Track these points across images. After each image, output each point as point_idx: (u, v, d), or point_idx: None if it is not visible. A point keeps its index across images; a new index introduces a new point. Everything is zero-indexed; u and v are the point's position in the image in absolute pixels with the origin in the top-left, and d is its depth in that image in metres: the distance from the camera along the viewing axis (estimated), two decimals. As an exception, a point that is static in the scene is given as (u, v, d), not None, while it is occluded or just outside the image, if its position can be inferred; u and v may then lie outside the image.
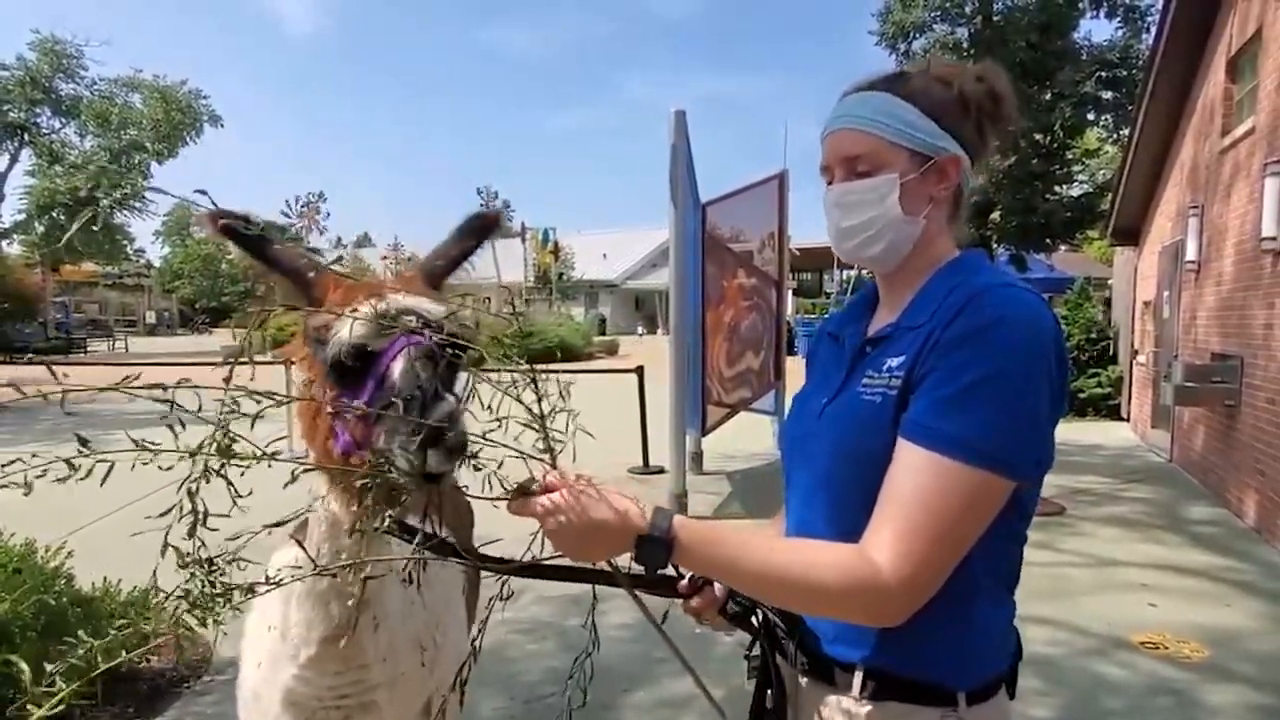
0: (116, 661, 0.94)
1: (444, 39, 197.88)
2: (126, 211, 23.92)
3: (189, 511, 0.92)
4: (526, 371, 1.08)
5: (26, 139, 23.24)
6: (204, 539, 0.95)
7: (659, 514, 1.07)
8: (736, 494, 7.61)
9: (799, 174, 8.49)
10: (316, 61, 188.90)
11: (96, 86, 24.23)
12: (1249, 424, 6.51)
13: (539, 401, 1.07)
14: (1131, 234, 12.21)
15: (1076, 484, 7.70)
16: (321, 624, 1.41)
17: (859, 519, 1.08)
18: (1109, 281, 17.09)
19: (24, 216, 23.40)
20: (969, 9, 14.15)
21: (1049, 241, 15.61)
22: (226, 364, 0.95)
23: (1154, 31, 9.98)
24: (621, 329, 40.44)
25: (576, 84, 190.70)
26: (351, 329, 1.15)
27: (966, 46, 14.12)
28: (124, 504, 1.09)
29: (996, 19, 14.11)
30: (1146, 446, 10.14)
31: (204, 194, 1.14)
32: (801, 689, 1.23)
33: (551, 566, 1.13)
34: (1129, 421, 11.81)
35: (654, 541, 1.05)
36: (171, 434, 0.93)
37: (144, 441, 0.92)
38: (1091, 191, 15.78)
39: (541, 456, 1.08)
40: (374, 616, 1.45)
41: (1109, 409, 12.33)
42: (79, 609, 3.42)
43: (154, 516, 0.90)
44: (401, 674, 1.57)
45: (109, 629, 0.95)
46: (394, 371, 1.10)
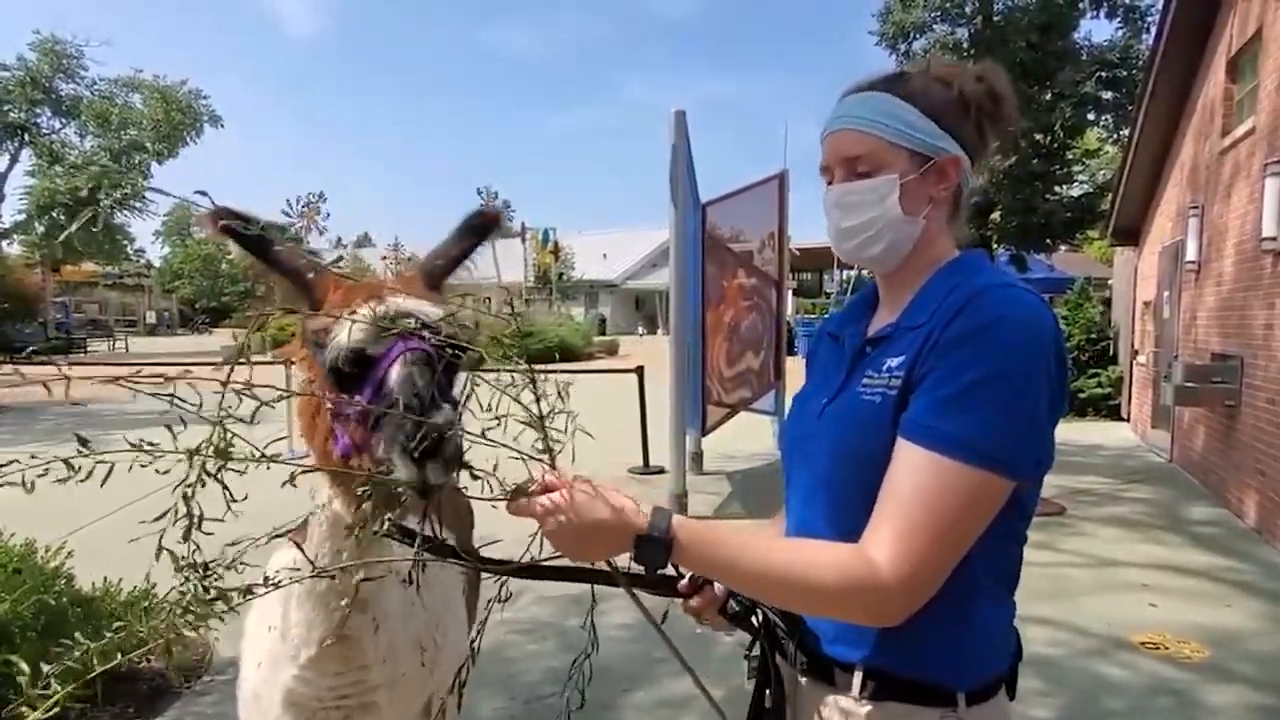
0: (111, 665, 0.94)
1: (444, 39, 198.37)
2: (127, 212, 23.90)
3: (184, 515, 0.91)
4: (525, 372, 1.08)
5: (27, 139, 23.24)
6: (201, 542, 0.94)
7: (658, 514, 1.07)
8: (737, 494, 7.60)
9: (799, 174, 8.50)
10: (316, 61, 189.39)
11: (97, 87, 24.23)
12: (1249, 424, 6.51)
13: (537, 402, 1.07)
14: (1132, 234, 12.22)
15: (1077, 484, 7.69)
16: (322, 624, 1.41)
17: (859, 519, 1.08)
18: (1109, 282, 17.08)
19: (24, 217, 23.39)
20: (969, 9, 14.15)
21: (1049, 242, 15.61)
22: (226, 364, 0.94)
23: (1154, 32, 9.98)
24: (622, 329, 40.42)
25: (576, 84, 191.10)
26: (349, 334, 1.15)
27: (967, 47, 14.12)
28: (124, 504, 1.09)
29: (997, 19, 14.11)
30: (1147, 447, 10.14)
31: (204, 195, 1.13)
32: (801, 689, 1.23)
33: (551, 567, 1.13)
34: (1129, 422, 11.81)
35: (653, 541, 1.05)
36: (170, 435, 0.92)
37: (143, 442, 0.92)
38: (1091, 192, 15.78)
39: (540, 457, 1.08)
40: (374, 617, 1.44)
41: (1109, 409, 12.34)
42: (79, 609, 3.42)
43: (149, 521, 0.90)
44: (402, 674, 1.57)
45: (106, 631, 0.95)
46: (391, 377, 1.09)
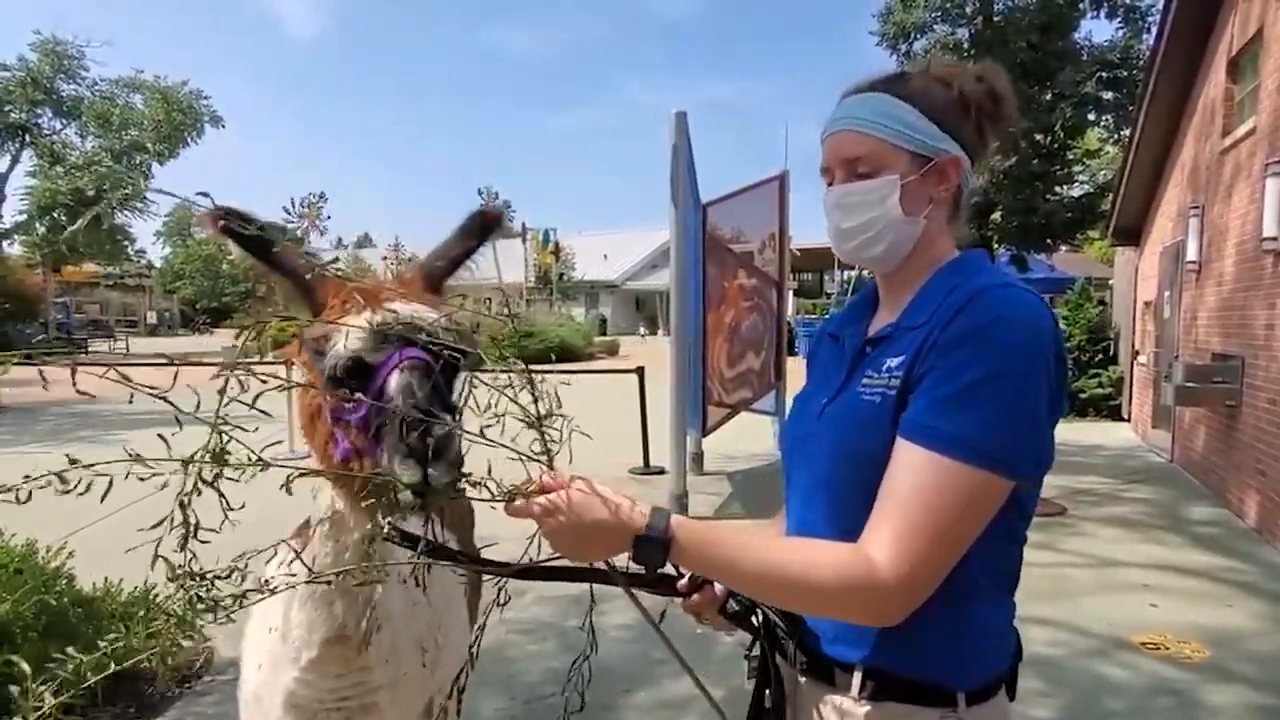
0: (104, 674, 0.94)
1: (444, 39, 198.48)
2: (128, 212, 23.88)
3: (180, 523, 0.91)
4: (523, 373, 1.08)
5: (28, 140, 23.22)
6: (198, 548, 0.94)
7: (656, 514, 1.07)
8: (737, 494, 7.60)
9: (800, 175, 8.51)
10: (317, 62, 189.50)
11: (98, 87, 24.20)
12: (1250, 424, 6.50)
13: (535, 403, 1.07)
14: (1132, 234, 12.21)
15: (1077, 484, 7.69)
16: (324, 626, 1.41)
17: (859, 519, 1.08)
18: (1109, 282, 17.07)
19: (25, 217, 23.38)
20: (970, 9, 14.13)
21: (1050, 242, 15.57)
22: (225, 366, 0.94)
23: (1154, 32, 9.97)
24: (622, 329, 40.43)
25: (576, 84, 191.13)
26: (347, 342, 1.15)
27: (967, 47, 14.10)
28: (126, 504, 1.09)
29: (997, 19, 14.09)
30: (1147, 447, 10.14)
31: (206, 195, 1.13)
32: (801, 689, 1.23)
33: (551, 567, 1.13)
34: (1130, 422, 11.81)
35: (651, 541, 1.05)
36: (165, 444, 0.92)
37: (136, 454, 0.92)
38: (1092, 192, 15.74)
39: (539, 457, 1.08)
40: (376, 618, 1.44)
41: (1110, 409, 12.33)
42: (80, 609, 3.42)
43: (146, 529, 0.90)
44: (403, 675, 1.56)
45: (101, 641, 0.95)
46: (390, 385, 1.09)
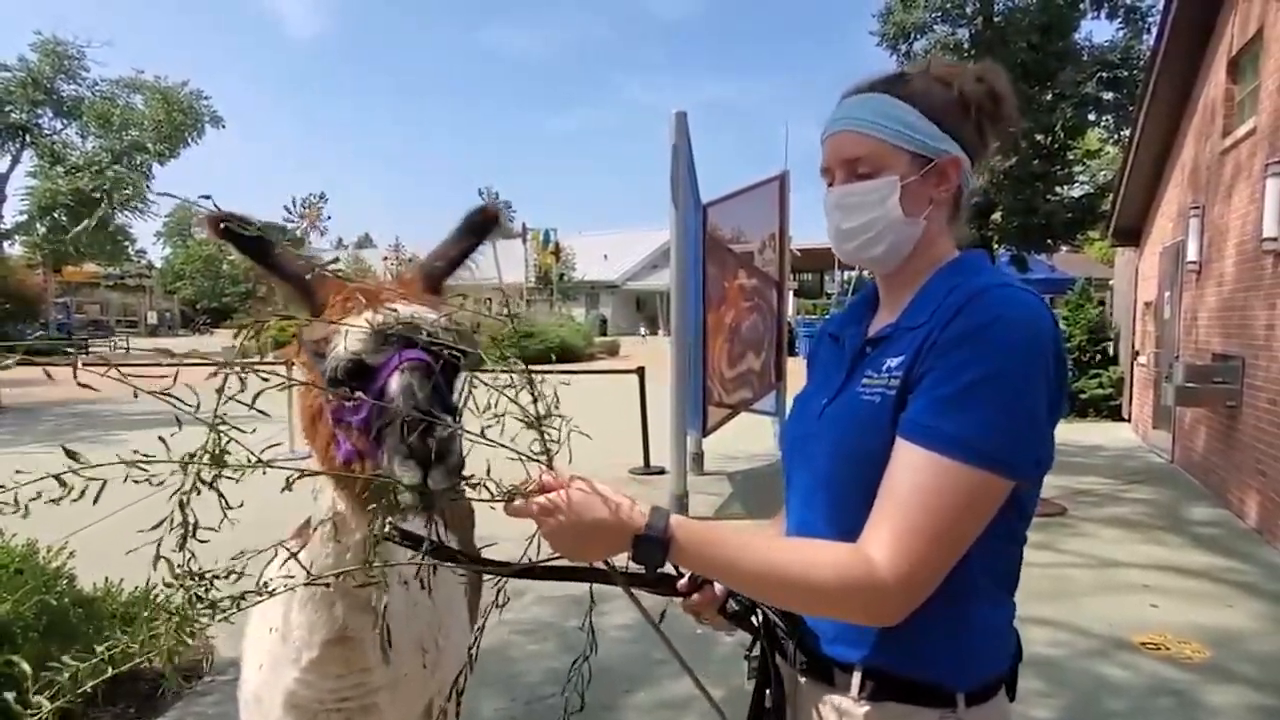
0: (101, 678, 0.94)
1: (444, 39, 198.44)
2: (129, 212, 23.88)
3: (179, 524, 0.91)
4: (523, 373, 1.08)
5: (28, 140, 23.22)
6: (199, 549, 0.95)
7: (656, 513, 1.07)
8: (737, 495, 7.60)
9: (800, 175, 8.51)
10: (317, 62, 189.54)
11: (98, 87, 24.18)
12: (1250, 425, 6.50)
13: (535, 403, 1.07)
14: (1132, 235, 12.22)
15: (1078, 485, 7.69)
16: (324, 627, 1.40)
17: (859, 519, 1.08)
18: (1110, 282, 17.06)
19: (25, 218, 23.38)
20: (970, 10, 14.12)
21: (1050, 242, 15.56)
22: (225, 367, 0.94)
23: (1155, 32, 9.97)
24: (622, 330, 40.44)
25: (576, 85, 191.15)
26: (347, 344, 1.15)
27: (967, 47, 14.09)
28: (126, 504, 1.09)
29: (997, 20, 14.08)
30: (1148, 447, 10.14)
31: (208, 198, 1.13)
32: (800, 688, 1.23)
33: (551, 567, 1.13)
34: (1130, 422, 11.81)
35: (650, 541, 1.05)
36: (165, 445, 0.92)
37: (137, 453, 0.92)
38: (1092, 192, 15.73)
39: (539, 457, 1.08)
40: (387, 623, 1.44)
41: (1110, 410, 12.33)
42: (80, 609, 3.42)
43: (146, 530, 0.90)
44: (404, 676, 1.56)
45: (96, 645, 0.95)
46: (391, 387, 1.09)
